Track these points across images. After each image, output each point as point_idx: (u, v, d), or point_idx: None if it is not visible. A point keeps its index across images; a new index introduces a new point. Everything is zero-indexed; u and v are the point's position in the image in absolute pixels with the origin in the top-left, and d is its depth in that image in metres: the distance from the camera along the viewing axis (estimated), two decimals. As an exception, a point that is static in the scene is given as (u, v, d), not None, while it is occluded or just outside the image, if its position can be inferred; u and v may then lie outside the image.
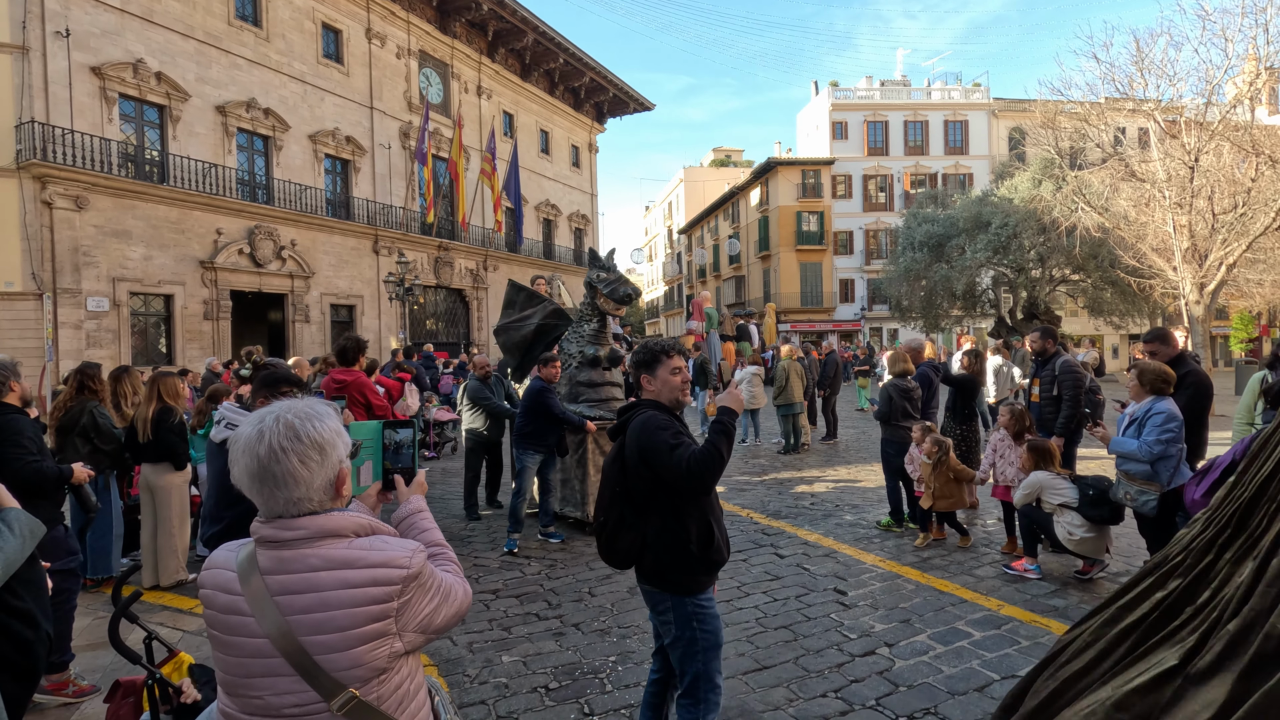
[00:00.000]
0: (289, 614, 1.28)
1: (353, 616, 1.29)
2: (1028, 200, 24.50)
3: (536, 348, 7.21)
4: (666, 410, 2.59)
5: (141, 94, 17.59)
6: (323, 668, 1.27)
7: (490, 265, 29.14)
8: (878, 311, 39.63)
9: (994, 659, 3.74)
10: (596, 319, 6.71)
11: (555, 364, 6.15)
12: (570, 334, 6.90)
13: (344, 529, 1.38)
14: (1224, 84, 16.66)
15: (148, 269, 17.47)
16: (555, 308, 7.39)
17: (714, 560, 2.52)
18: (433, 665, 3.82)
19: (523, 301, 7.54)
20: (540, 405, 5.94)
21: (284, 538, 1.33)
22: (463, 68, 28.42)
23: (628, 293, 6.36)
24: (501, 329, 7.50)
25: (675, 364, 2.61)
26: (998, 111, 40.59)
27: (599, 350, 6.65)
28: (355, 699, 1.29)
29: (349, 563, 1.33)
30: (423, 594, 1.40)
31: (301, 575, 1.31)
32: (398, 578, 1.35)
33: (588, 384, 6.65)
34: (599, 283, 6.51)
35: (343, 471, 1.41)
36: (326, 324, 22.05)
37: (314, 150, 22.13)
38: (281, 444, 1.31)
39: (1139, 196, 17.62)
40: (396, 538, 1.46)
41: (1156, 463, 4.25)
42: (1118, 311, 25.96)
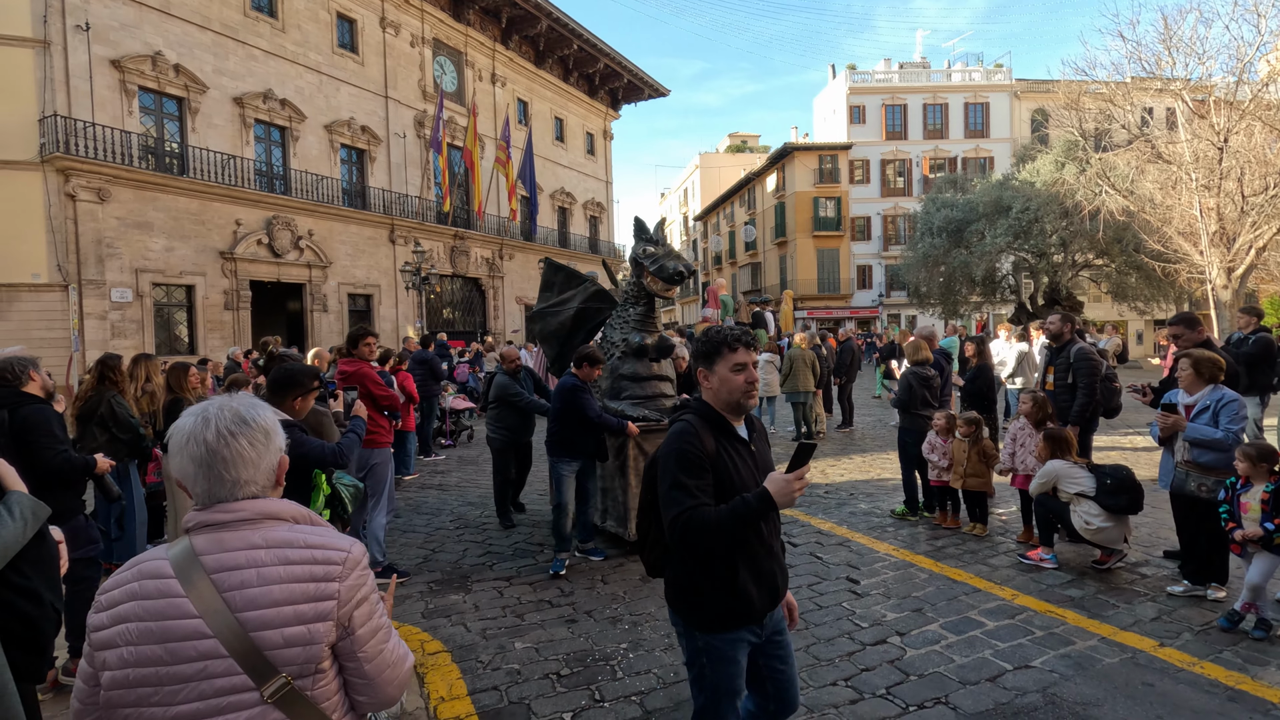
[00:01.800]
0: (225, 590, 1.26)
1: (290, 592, 1.27)
2: (1050, 184, 24.01)
3: (577, 335, 6.35)
4: (714, 420, 2.13)
5: (160, 86, 17.76)
6: (258, 646, 1.24)
7: (506, 254, 29.20)
8: (896, 298, 39.19)
9: (1007, 649, 3.71)
10: (643, 302, 5.72)
11: (599, 369, 5.38)
12: (614, 319, 5.96)
13: (284, 513, 1.39)
14: (1256, 61, 16.17)
15: (169, 260, 17.73)
16: (597, 289, 6.45)
17: (731, 607, 2.08)
18: (446, 651, 3.87)
19: (561, 283, 6.60)
20: (572, 407, 5.14)
21: (224, 519, 1.33)
22: (477, 55, 28.36)
23: (679, 269, 5.34)
24: (537, 315, 6.62)
25: (739, 358, 2.10)
26: (1020, 93, 39.74)
27: (645, 338, 5.60)
28: (288, 686, 1.26)
29: (289, 543, 1.33)
30: (367, 590, 1.37)
31: (242, 553, 1.30)
32: (338, 558, 1.34)
33: (632, 377, 5.63)
34: (645, 259, 5.52)
35: (283, 460, 1.43)
36: (344, 313, 22.26)
37: (330, 140, 22.25)
38: (230, 428, 1.33)
39: (1165, 179, 17.20)
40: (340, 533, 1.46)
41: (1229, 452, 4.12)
42: (1142, 297, 25.44)
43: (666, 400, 5.72)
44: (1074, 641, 3.78)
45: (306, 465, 3.07)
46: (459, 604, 4.59)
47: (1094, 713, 3.08)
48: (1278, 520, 3.71)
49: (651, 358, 5.68)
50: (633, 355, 5.66)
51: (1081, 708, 3.12)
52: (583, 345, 5.62)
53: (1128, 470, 4.81)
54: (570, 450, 5.25)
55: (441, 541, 6.05)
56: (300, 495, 3.09)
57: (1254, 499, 3.82)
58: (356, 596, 1.34)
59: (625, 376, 5.66)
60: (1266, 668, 3.45)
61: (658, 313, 5.88)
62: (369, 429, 5.04)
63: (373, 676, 1.37)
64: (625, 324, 5.77)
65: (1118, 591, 4.49)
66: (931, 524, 6.15)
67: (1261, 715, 3.03)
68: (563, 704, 3.29)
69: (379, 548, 5.07)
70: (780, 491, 1.94)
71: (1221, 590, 4.30)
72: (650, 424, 5.34)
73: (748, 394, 2.11)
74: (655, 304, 5.76)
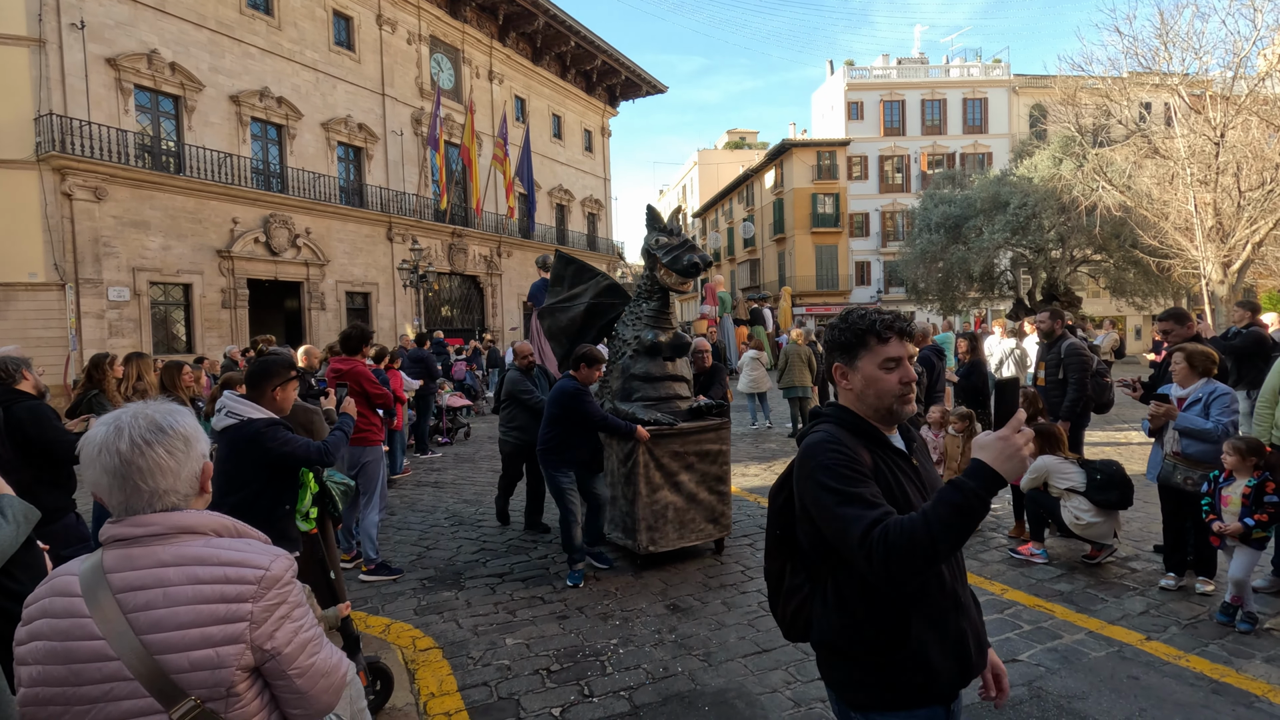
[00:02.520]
0: (130, 611, 1.21)
1: (197, 613, 1.22)
2: (1048, 179, 24.01)
3: (588, 333, 6.03)
4: (862, 430, 1.63)
5: (156, 84, 17.74)
6: (163, 669, 1.19)
7: (504, 251, 29.18)
8: (894, 294, 39.17)
9: (995, 643, 3.72)
10: (657, 296, 5.35)
11: (600, 368, 4.96)
12: (627, 315, 5.62)
13: (202, 526, 1.32)
14: (1253, 56, 16.15)
15: (166, 259, 17.72)
16: (610, 283, 6.13)
17: (906, 679, 1.55)
18: (437, 648, 3.89)
19: (571, 277, 6.24)
20: (570, 413, 4.77)
21: (134, 534, 1.27)
22: (474, 52, 28.31)
23: (694, 261, 4.97)
24: (547, 310, 6.26)
25: (891, 352, 1.62)
26: (1018, 89, 39.68)
27: (659, 335, 5.23)
28: (199, 709, 1.21)
29: (201, 559, 1.27)
30: (288, 607, 1.31)
31: (149, 571, 1.24)
32: (253, 577, 1.27)
33: (644, 377, 5.26)
34: (658, 250, 5.16)
35: (206, 466, 1.38)
36: (342, 311, 22.26)
37: (327, 138, 22.22)
38: (145, 437, 1.28)
39: (1162, 174, 17.20)
40: (267, 544, 1.39)
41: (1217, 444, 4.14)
42: (1140, 292, 25.46)
43: (681, 402, 5.39)
44: (1062, 635, 3.81)
45: (293, 464, 3.07)
46: (451, 601, 4.61)
47: (1079, 706, 3.10)
48: (1258, 515, 3.74)
49: (666, 356, 5.32)
50: (645, 354, 5.29)
51: (1066, 700, 3.15)
52: (588, 344, 5.27)
53: (1118, 465, 4.83)
54: (563, 459, 4.90)
55: (435, 539, 6.07)
56: (288, 494, 3.10)
57: (1235, 492, 3.84)
58: (274, 616, 1.28)
59: (637, 376, 5.28)
60: (1251, 660, 3.47)
61: (673, 308, 5.50)
62: (361, 426, 5.07)
63: (306, 690, 1.33)
64: (638, 320, 5.41)
65: (1107, 586, 4.51)
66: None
67: (1245, 708, 3.06)
68: (552, 699, 3.31)
69: (371, 545, 5.09)
70: (1001, 455, 1.39)
71: (1209, 584, 4.33)
72: (663, 427, 5.01)
73: (903, 397, 1.63)
74: (670, 299, 5.38)
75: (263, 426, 3.03)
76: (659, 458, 4.99)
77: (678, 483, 5.06)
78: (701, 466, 5.16)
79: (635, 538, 5.00)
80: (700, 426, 5.16)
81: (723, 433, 5.26)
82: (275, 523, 3.07)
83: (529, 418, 5.96)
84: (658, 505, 4.97)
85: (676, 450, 5.04)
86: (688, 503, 5.11)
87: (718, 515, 5.27)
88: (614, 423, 4.83)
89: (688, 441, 5.10)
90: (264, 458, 3.01)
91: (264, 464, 3.02)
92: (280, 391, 3.19)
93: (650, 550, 4.96)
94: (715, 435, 5.22)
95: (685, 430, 5.08)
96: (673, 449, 5.03)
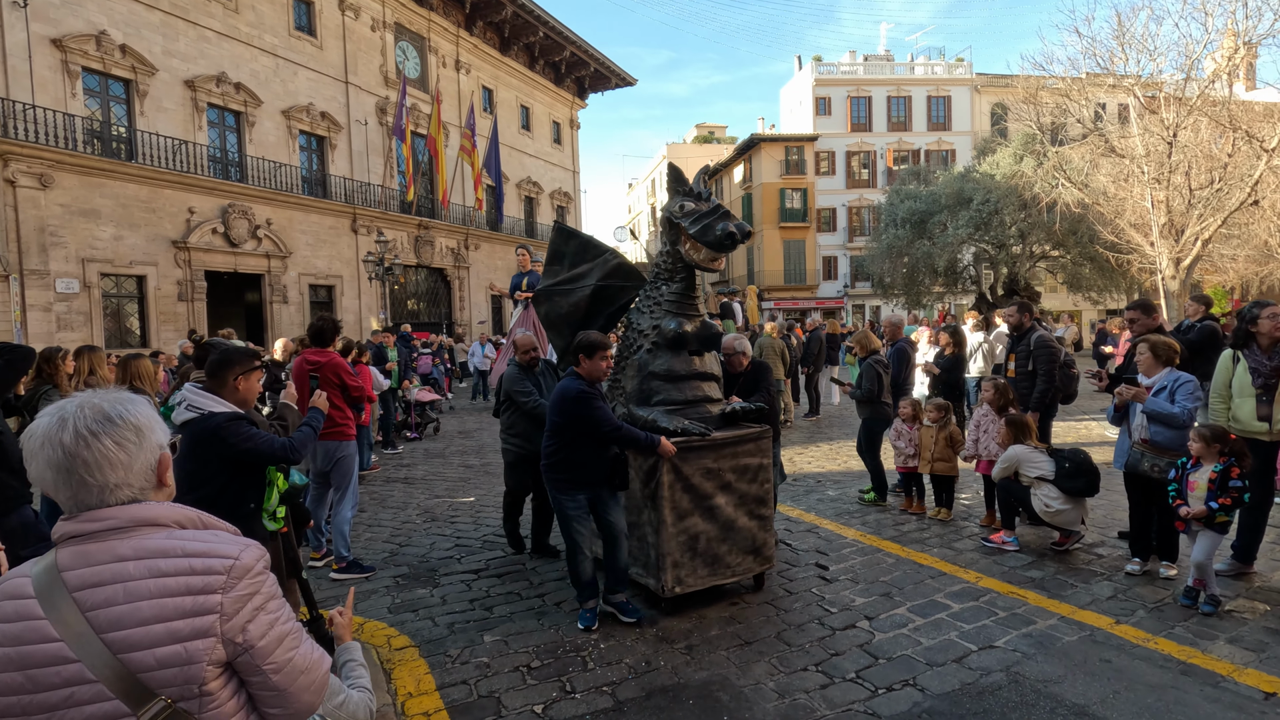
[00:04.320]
0: (89, 609, 1.14)
1: (161, 608, 1.16)
2: (1009, 176, 24.58)
3: (594, 321, 4.95)
4: None
5: (106, 67, 17.00)
6: (128, 669, 1.14)
7: (472, 244, 28.78)
8: (860, 289, 39.77)
9: (971, 630, 3.79)
10: (680, 277, 4.41)
11: (606, 355, 3.90)
12: (642, 301, 4.60)
13: (163, 518, 1.25)
14: (1203, 59, 16.72)
15: (118, 249, 17.04)
16: (620, 262, 5.03)
17: None
18: (413, 646, 3.80)
19: (573, 254, 5.14)
20: (574, 419, 3.77)
21: (89, 530, 1.20)
22: (440, 41, 27.79)
23: (729, 231, 3.97)
24: (544, 294, 5.14)
25: None
26: (980, 87, 40.50)
27: (683, 324, 4.29)
28: (170, 708, 1.15)
29: (164, 552, 1.20)
30: (262, 598, 1.24)
31: (107, 567, 1.17)
32: (221, 567, 1.20)
33: (666, 376, 4.30)
34: (682, 218, 4.19)
35: (164, 457, 1.30)
36: (305, 304, 21.70)
37: (288, 126, 21.59)
38: (90, 427, 1.20)
39: (1118, 172, 17.73)
40: (235, 534, 1.32)
41: (1183, 430, 4.26)
42: (1096, 287, 26.26)
43: (712, 406, 4.42)
44: (1035, 621, 3.88)
45: (257, 461, 2.95)
46: (426, 598, 4.51)
47: (1054, 689, 3.16)
48: (1221, 499, 3.86)
49: (692, 350, 4.37)
50: (667, 347, 4.30)
51: (1043, 684, 3.20)
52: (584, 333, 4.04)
53: (1085, 454, 4.95)
54: (573, 479, 3.86)
55: (409, 535, 5.94)
56: (252, 492, 2.97)
57: (1202, 478, 3.96)
58: (247, 608, 1.22)
59: (657, 375, 4.29)
60: (1215, 641, 3.58)
61: (699, 291, 4.58)
62: (337, 421, 4.92)
63: (284, 687, 1.26)
64: (657, 306, 4.43)
65: (1076, 572, 4.62)
66: (898, 510, 6.25)
67: (1211, 687, 3.15)
68: (533, 696, 3.25)
69: (344, 542, 4.95)
70: None
71: (1173, 568, 4.46)
72: (692, 438, 4.04)
73: None
74: (696, 279, 4.48)
75: (224, 421, 2.90)
76: (687, 477, 4.03)
77: (711, 507, 4.12)
78: (740, 486, 4.23)
79: (659, 576, 4.05)
80: (737, 436, 4.22)
81: (764, 443, 4.32)
82: (239, 522, 2.93)
83: (529, 424, 5.11)
84: (686, 535, 4.04)
85: (709, 466, 4.10)
86: (722, 531, 4.17)
87: (759, 545, 4.32)
88: (630, 434, 3.78)
89: (722, 455, 4.15)
90: (226, 454, 2.88)
91: (226, 460, 2.89)
92: (243, 382, 3.05)
93: (676, 592, 4.03)
94: (755, 447, 4.29)
95: (719, 442, 4.14)
96: (704, 465, 4.09)
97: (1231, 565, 4.47)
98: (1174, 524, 4.23)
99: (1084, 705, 3.02)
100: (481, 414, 14.29)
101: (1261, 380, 4.18)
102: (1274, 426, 4.15)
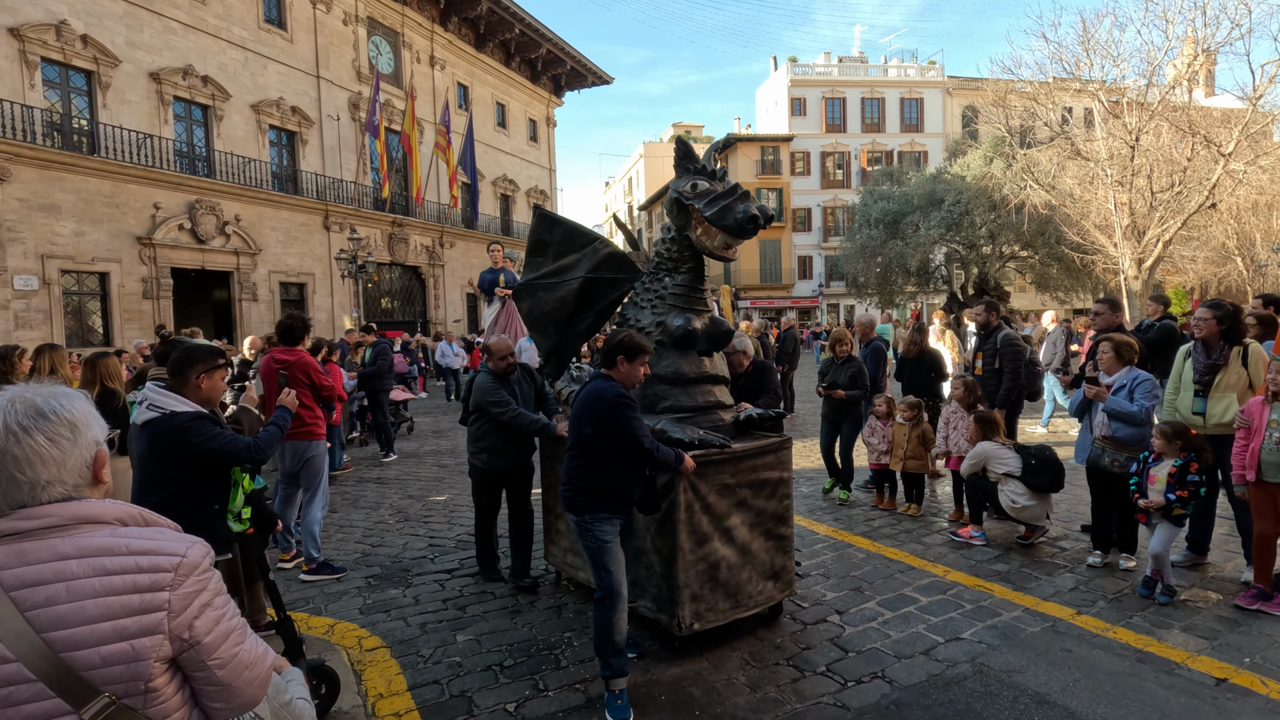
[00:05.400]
0: (29, 609, 1.12)
1: (107, 606, 1.15)
2: (979, 178, 25.05)
3: (582, 319, 4.43)
4: None
5: (66, 58, 16.52)
6: (70, 667, 1.12)
7: (446, 242, 28.52)
8: (835, 288, 40.21)
9: (939, 623, 3.86)
10: (686, 266, 3.94)
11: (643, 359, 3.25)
12: (639, 295, 4.13)
13: (104, 515, 1.23)
14: (1164, 65, 17.20)
15: (80, 245, 16.58)
16: (611, 251, 4.43)
17: None
18: (385, 647, 3.77)
19: (559, 243, 4.51)
20: (610, 425, 3.11)
21: (26, 528, 1.17)
22: (414, 36, 27.48)
23: (751, 214, 3.48)
24: (527, 288, 4.52)
25: None
26: (952, 90, 41.19)
27: (692, 320, 3.83)
28: (113, 705, 1.14)
29: (109, 550, 1.18)
30: (209, 595, 1.24)
31: (48, 565, 1.15)
32: (169, 565, 1.19)
33: (673, 379, 3.85)
34: (695, 198, 3.70)
35: (100, 454, 1.28)
36: (276, 302, 21.33)
37: (257, 121, 21.20)
38: (21, 422, 1.18)
39: (1084, 175, 18.17)
40: (179, 531, 1.31)
41: (1142, 427, 4.41)
42: (1063, 287, 26.89)
43: (724, 413, 3.97)
44: (1000, 613, 3.97)
45: (221, 461, 2.89)
46: (399, 598, 4.47)
47: (1018, 679, 3.24)
48: (1179, 492, 3.99)
49: (701, 350, 3.94)
50: (673, 347, 3.86)
51: (1007, 675, 3.28)
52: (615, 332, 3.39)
53: (1050, 451, 5.07)
54: (611, 501, 3.18)
55: (381, 535, 5.88)
56: (216, 492, 2.92)
57: (1162, 472, 4.09)
58: (194, 604, 1.22)
59: (663, 379, 3.83)
60: (1170, 630, 3.70)
61: (708, 284, 4.14)
62: (307, 420, 4.85)
63: (229, 682, 1.26)
64: (661, 300, 3.96)
65: (1040, 565, 4.73)
66: (869, 505, 6.34)
67: (1166, 674, 3.25)
68: (506, 695, 3.24)
69: (314, 544, 4.88)
70: None
71: (1131, 560, 4.59)
72: (710, 451, 3.53)
73: None
74: (704, 269, 4.01)
75: (187, 420, 2.84)
76: (704, 495, 3.56)
77: (729, 529, 3.66)
78: (758, 503, 3.79)
79: (674, 610, 3.50)
80: (756, 448, 3.76)
81: (784, 454, 3.90)
82: (203, 523, 2.90)
83: (501, 437, 4.60)
84: (705, 563, 3.56)
85: (726, 483, 3.64)
86: (741, 556, 3.71)
87: (778, 569, 3.88)
88: (665, 453, 3.19)
89: (740, 469, 3.69)
90: (189, 454, 2.83)
91: (189, 461, 2.84)
92: (206, 380, 2.99)
93: (695, 629, 3.53)
94: (776, 459, 3.85)
95: (739, 454, 3.67)
96: (722, 481, 3.63)
97: (1187, 556, 4.62)
98: (1134, 516, 4.37)
99: (1045, 694, 3.10)
100: (456, 413, 14.16)
101: (1198, 375, 4.36)
102: (1208, 420, 4.32)
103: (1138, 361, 4.67)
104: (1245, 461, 3.90)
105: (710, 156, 3.97)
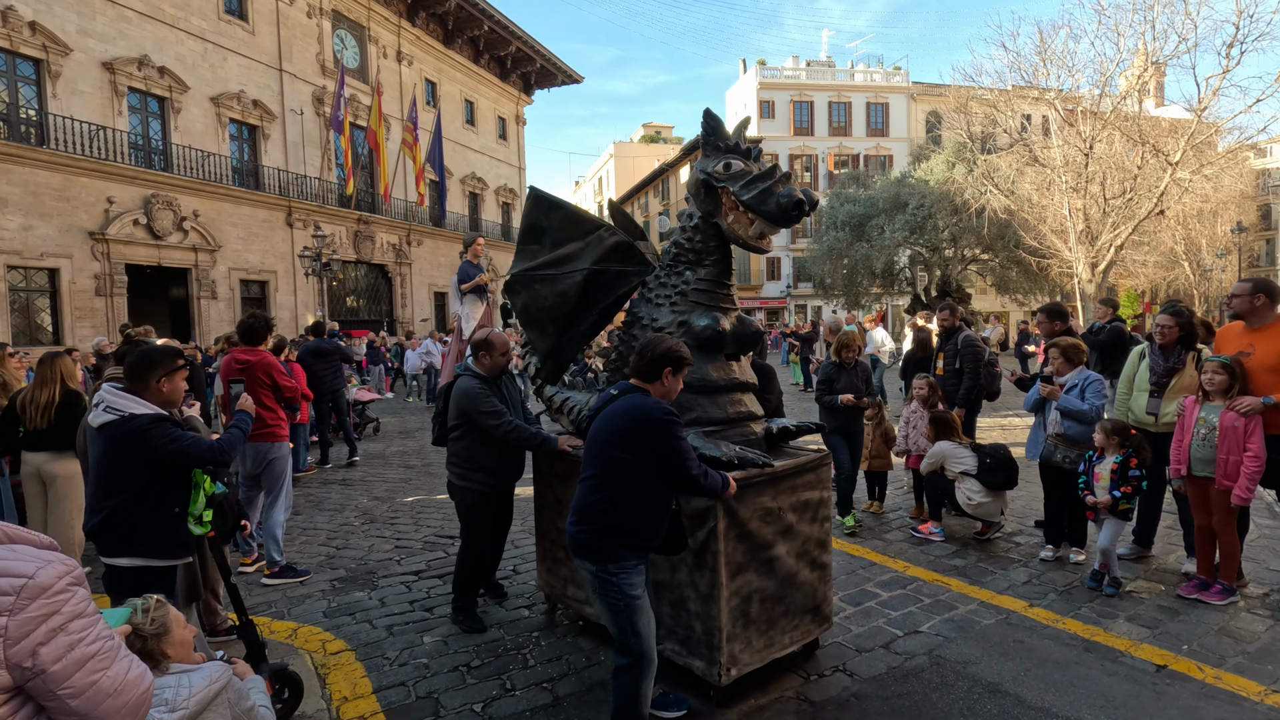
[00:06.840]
0: None
1: None
2: (942, 182, 25.65)
3: (584, 317, 3.93)
4: None
5: (13, 45, 15.90)
6: None
7: (414, 239, 28.15)
8: (802, 289, 40.73)
9: (898, 616, 3.98)
10: (713, 259, 3.42)
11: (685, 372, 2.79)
12: (652, 291, 3.59)
13: None
14: (1116, 76, 17.84)
15: (27, 240, 15.97)
16: (619, 241, 3.83)
17: None
18: (350, 650, 3.74)
19: (557, 229, 3.94)
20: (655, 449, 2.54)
21: None
22: (381, 31, 27.06)
23: (796, 200, 3.01)
24: (520, 280, 3.96)
25: None
26: (916, 95, 42.04)
27: (719, 320, 3.34)
28: None
29: None
30: (61, 619, 1.17)
31: None
32: (10, 588, 1.12)
33: (701, 388, 3.32)
34: (727, 180, 3.22)
35: None
36: (236, 300, 20.82)
37: (217, 114, 20.66)
38: None
39: (1041, 181, 18.75)
40: (42, 550, 1.22)
41: (1092, 425, 4.57)
42: (1022, 289, 27.70)
43: (755, 424, 3.48)
44: (957, 607, 4.10)
45: (183, 463, 2.84)
46: (364, 601, 4.43)
47: (973, 670, 3.35)
48: (1123, 488, 4.17)
49: (729, 354, 3.46)
50: (699, 350, 3.32)
51: (963, 666, 3.39)
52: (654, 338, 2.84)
53: (1005, 450, 5.24)
54: (643, 541, 2.65)
55: (346, 538, 5.80)
56: (176, 495, 2.87)
57: (1105, 469, 4.27)
58: (40, 629, 1.14)
59: (689, 387, 3.18)
60: (1116, 620, 3.86)
61: (734, 279, 3.57)
62: (269, 421, 4.77)
63: (86, 711, 1.18)
64: (682, 296, 3.43)
65: (995, 559, 4.89)
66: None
67: (1110, 662, 3.40)
68: (473, 695, 3.25)
69: (276, 547, 4.81)
70: None
71: (1081, 554, 4.78)
72: (751, 473, 3.08)
73: None
74: (731, 262, 3.49)
75: (147, 423, 2.79)
76: (745, 521, 3.08)
77: (770, 559, 3.20)
78: (801, 527, 3.34)
79: (711, 656, 3.04)
80: (797, 466, 3.32)
81: (823, 472, 3.47)
82: (164, 527, 2.85)
83: (500, 452, 3.93)
84: (739, 598, 3.08)
85: (768, 506, 3.18)
86: (780, 588, 3.25)
87: (818, 601, 3.45)
88: (714, 479, 2.68)
89: (781, 490, 3.24)
90: (149, 457, 2.77)
91: (149, 464, 2.78)
92: (166, 383, 2.94)
93: (734, 676, 3.05)
94: (816, 477, 3.42)
95: (779, 473, 3.22)
96: (763, 504, 3.16)
97: (1133, 549, 4.82)
98: (1084, 513, 4.55)
99: (997, 683, 3.22)
100: (423, 414, 14.01)
101: (1155, 378, 4.54)
102: (1160, 420, 4.52)
103: (1085, 361, 4.88)
104: (1179, 456, 4.11)
105: (739, 133, 3.42)
